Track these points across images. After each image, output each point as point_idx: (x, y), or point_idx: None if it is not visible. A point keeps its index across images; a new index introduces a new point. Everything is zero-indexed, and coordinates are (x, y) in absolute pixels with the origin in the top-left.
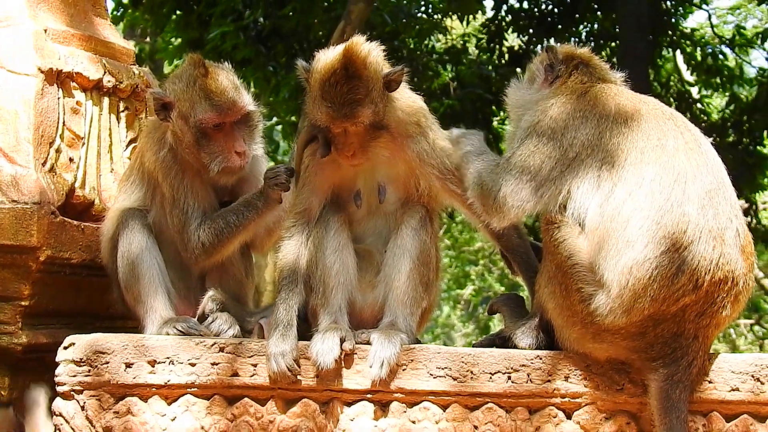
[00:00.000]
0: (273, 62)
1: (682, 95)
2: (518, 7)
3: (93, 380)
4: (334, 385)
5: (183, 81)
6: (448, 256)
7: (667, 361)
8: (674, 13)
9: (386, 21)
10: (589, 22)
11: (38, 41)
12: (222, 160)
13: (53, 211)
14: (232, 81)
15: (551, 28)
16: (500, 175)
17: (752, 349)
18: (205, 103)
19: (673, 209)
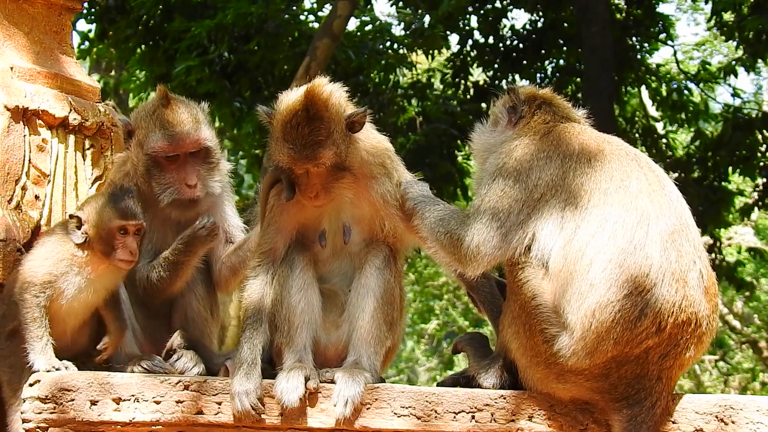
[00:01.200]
0: (238, 97)
1: (647, 131)
2: (483, 42)
3: (58, 417)
4: (299, 424)
5: (146, 110)
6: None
7: (631, 402)
8: (639, 49)
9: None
10: (554, 58)
11: (4, 79)
12: (172, 192)
13: (19, 249)
14: (194, 115)
15: (516, 63)
16: (469, 224)
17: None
18: (159, 132)
19: (636, 252)
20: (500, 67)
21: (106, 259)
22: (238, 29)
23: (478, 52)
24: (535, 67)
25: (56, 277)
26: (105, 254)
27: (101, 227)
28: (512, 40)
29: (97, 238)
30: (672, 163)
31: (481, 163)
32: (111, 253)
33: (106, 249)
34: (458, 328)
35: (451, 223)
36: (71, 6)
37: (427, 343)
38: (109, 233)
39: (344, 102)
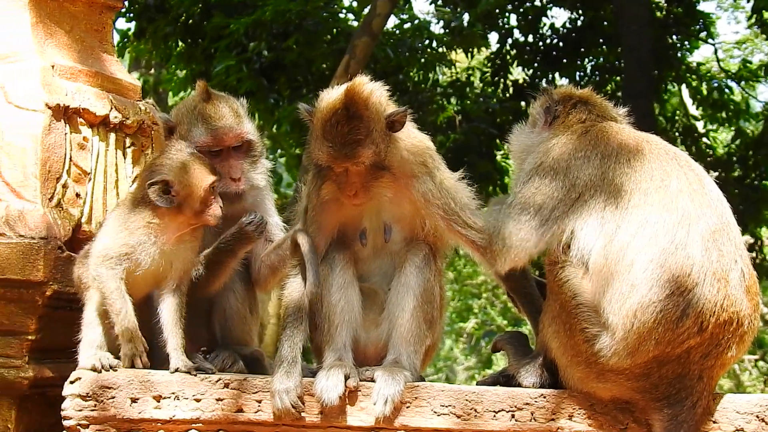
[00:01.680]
0: (276, 95)
1: (687, 130)
2: (523, 41)
3: (99, 415)
4: (338, 422)
5: (187, 106)
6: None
7: (672, 401)
8: (680, 47)
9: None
10: (594, 56)
11: (46, 77)
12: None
13: (60, 246)
14: (235, 109)
15: (556, 61)
16: (501, 219)
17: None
18: (202, 127)
19: (677, 252)
20: (540, 65)
21: (195, 219)
22: (277, 26)
23: (517, 50)
24: (575, 65)
25: (133, 247)
26: (197, 213)
27: (198, 185)
28: (552, 38)
29: (191, 197)
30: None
31: (519, 164)
32: (203, 211)
33: (200, 208)
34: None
35: (493, 225)
36: (112, 4)
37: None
38: (206, 190)
39: (385, 101)
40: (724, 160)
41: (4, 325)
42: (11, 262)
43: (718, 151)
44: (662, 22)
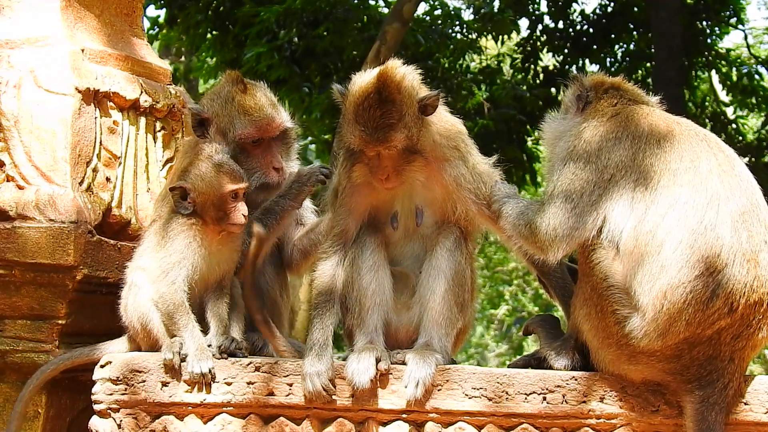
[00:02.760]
0: (307, 82)
1: (717, 116)
2: (553, 27)
3: (129, 399)
4: (370, 405)
5: (221, 97)
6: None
7: (703, 383)
8: (709, 33)
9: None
10: (624, 43)
11: (75, 61)
12: (260, 176)
13: (90, 231)
14: (270, 98)
15: (586, 48)
16: (544, 210)
17: None
18: (245, 119)
19: (707, 232)
20: (570, 52)
21: (215, 227)
22: (307, 14)
23: (547, 37)
24: (605, 52)
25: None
26: (216, 221)
27: (212, 194)
28: (582, 24)
29: (208, 205)
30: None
31: (551, 151)
32: (223, 219)
33: (218, 215)
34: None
35: (529, 214)
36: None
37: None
38: (221, 198)
39: (417, 85)
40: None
41: (35, 309)
42: (41, 247)
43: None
44: (692, 8)
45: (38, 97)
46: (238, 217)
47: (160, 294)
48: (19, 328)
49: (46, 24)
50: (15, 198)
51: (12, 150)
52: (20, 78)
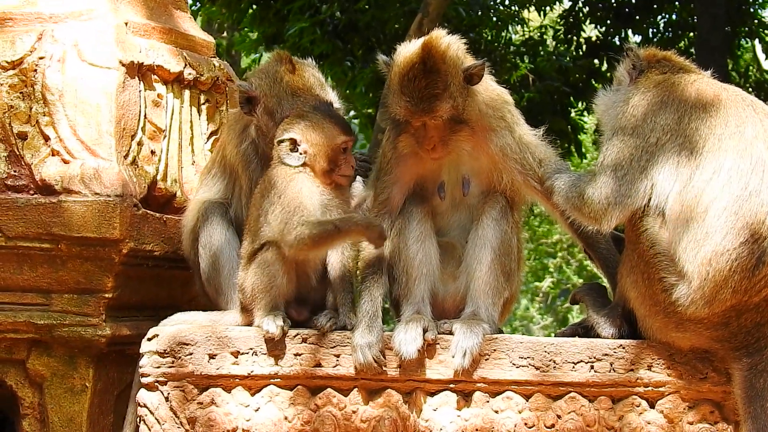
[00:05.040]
0: (350, 57)
1: (761, 84)
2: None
3: (176, 371)
4: (417, 375)
5: (270, 77)
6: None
7: (751, 351)
8: (752, 2)
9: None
10: (667, 13)
11: (119, 34)
12: None
13: (135, 204)
14: (318, 78)
15: (629, 18)
16: (596, 180)
17: None
18: (292, 99)
19: (751, 198)
20: (612, 23)
21: (325, 178)
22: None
23: (590, 8)
24: (648, 22)
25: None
26: (326, 173)
27: (326, 145)
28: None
29: (320, 156)
30: None
31: (604, 124)
32: (333, 170)
33: (329, 166)
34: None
35: (581, 185)
36: None
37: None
38: (335, 150)
39: (462, 54)
40: None
41: (81, 283)
42: (87, 221)
43: None
44: None
45: (82, 71)
46: (347, 169)
47: (299, 234)
48: (66, 302)
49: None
50: (60, 172)
51: (57, 124)
52: (64, 52)
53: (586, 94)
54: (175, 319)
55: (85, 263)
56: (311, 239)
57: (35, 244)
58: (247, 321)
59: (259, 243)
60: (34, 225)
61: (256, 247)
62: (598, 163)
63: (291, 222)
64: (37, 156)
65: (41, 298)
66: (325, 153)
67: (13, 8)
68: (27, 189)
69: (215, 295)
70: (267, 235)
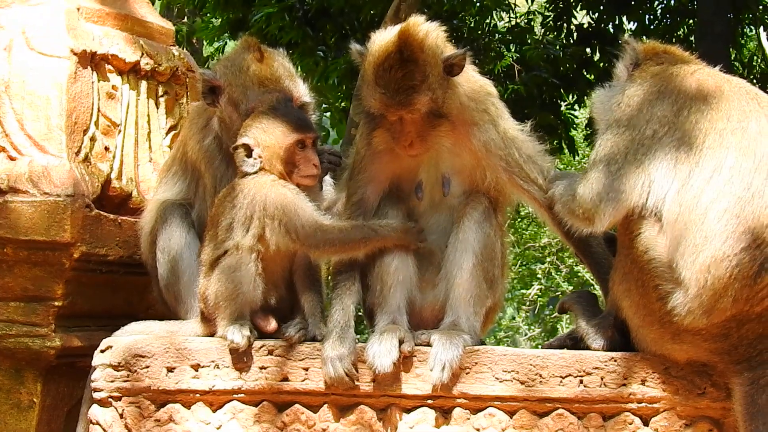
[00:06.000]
0: (321, 45)
1: (766, 76)
2: None
3: (132, 386)
4: (392, 390)
5: (235, 65)
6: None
7: (753, 364)
8: None
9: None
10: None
11: (71, 20)
12: None
13: (88, 204)
14: (287, 68)
15: (623, 4)
16: (587, 177)
17: None
18: (258, 90)
19: (754, 200)
20: (606, 8)
21: (289, 181)
22: None
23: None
24: (644, 8)
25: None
26: (287, 175)
27: (277, 146)
28: None
29: (274, 159)
30: None
31: (599, 122)
32: (293, 172)
33: (288, 168)
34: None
35: (573, 185)
36: None
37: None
38: (288, 150)
39: (442, 43)
40: None
41: (29, 290)
42: (36, 222)
43: None
44: None
45: (31, 60)
46: (309, 168)
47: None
48: (12, 310)
49: None
50: (6, 170)
51: (2, 118)
52: (11, 40)
53: (576, 86)
54: (130, 329)
55: (33, 268)
56: (342, 243)
57: None
58: (209, 331)
59: (224, 249)
60: None
61: (220, 253)
62: (591, 159)
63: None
64: None
65: None
66: (278, 155)
67: None
68: None
69: (174, 303)
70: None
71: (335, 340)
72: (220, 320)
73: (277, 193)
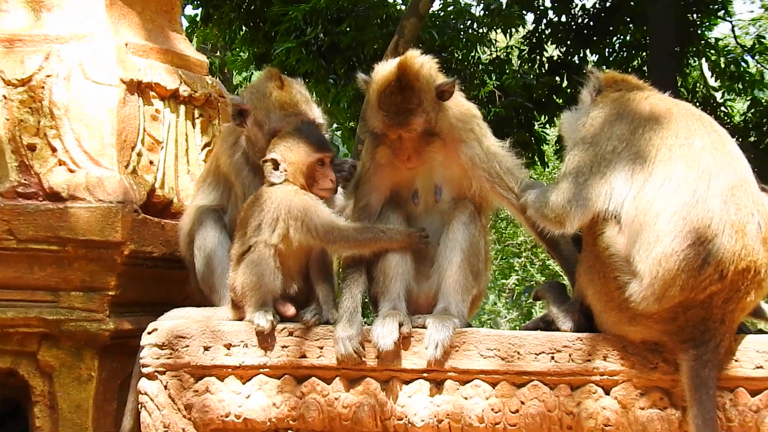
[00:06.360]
0: (332, 75)
1: (707, 100)
2: (557, 21)
3: (174, 362)
4: (394, 366)
5: (260, 92)
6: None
7: (697, 343)
8: (700, 24)
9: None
10: (621, 35)
11: (120, 55)
12: None
13: (136, 209)
14: (304, 94)
15: (587, 39)
16: (558, 187)
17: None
18: (279, 113)
19: (698, 205)
20: (572, 43)
21: (310, 191)
22: (331, 12)
23: (551, 29)
24: (604, 42)
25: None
26: (307, 187)
27: (301, 163)
28: (583, 18)
29: (298, 173)
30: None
31: (567, 140)
32: (312, 185)
33: (308, 182)
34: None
35: (546, 194)
36: None
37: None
38: (310, 167)
39: (434, 73)
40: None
41: (87, 282)
42: (92, 225)
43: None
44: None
45: (86, 88)
46: (326, 183)
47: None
48: (73, 299)
49: (92, 21)
50: (67, 180)
51: (63, 137)
52: (69, 71)
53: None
54: (172, 314)
55: (90, 264)
56: (355, 240)
57: (44, 247)
58: (239, 316)
59: (248, 245)
60: (43, 229)
61: (245, 249)
62: (561, 172)
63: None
64: (45, 166)
65: (50, 295)
66: (301, 170)
67: (23, 30)
68: (36, 196)
69: (209, 292)
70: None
71: (345, 323)
72: (248, 307)
73: (300, 199)
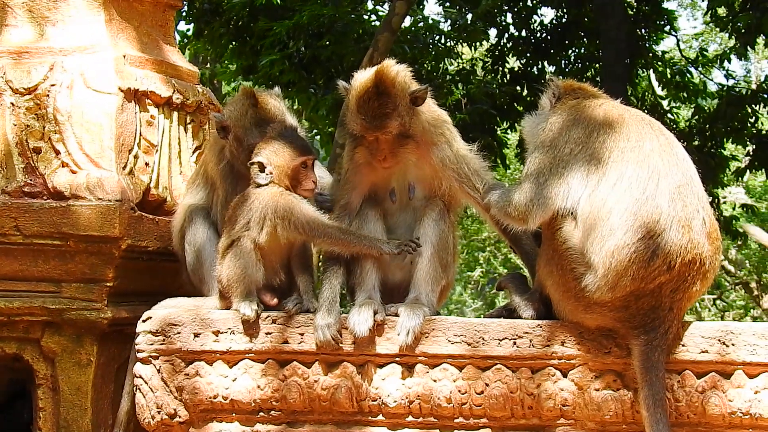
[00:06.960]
0: (313, 84)
1: (654, 107)
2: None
3: (167, 348)
4: (369, 351)
5: (237, 109)
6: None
7: (647, 329)
8: (648, 39)
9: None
10: (576, 48)
11: (118, 65)
12: None
13: (132, 207)
14: (279, 107)
15: (545, 52)
16: (520, 188)
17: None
18: (256, 130)
19: (648, 202)
20: (532, 56)
21: (294, 191)
22: (312, 28)
23: (512, 43)
24: (561, 55)
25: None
26: (291, 188)
27: (286, 166)
28: (541, 33)
29: (282, 175)
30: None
31: (529, 143)
32: (296, 186)
33: (292, 183)
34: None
35: (509, 194)
36: (174, 3)
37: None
38: (294, 169)
39: (408, 80)
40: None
41: (87, 274)
42: (92, 222)
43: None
44: (634, 18)
45: (87, 96)
46: (308, 184)
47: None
48: (74, 290)
49: (93, 34)
50: (69, 181)
51: (66, 141)
52: (72, 80)
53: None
54: (165, 303)
55: (90, 257)
56: (336, 237)
57: (48, 241)
58: (226, 305)
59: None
60: (47, 225)
61: (229, 243)
62: (523, 173)
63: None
64: (50, 167)
65: (53, 286)
66: (286, 173)
67: (29, 43)
68: (41, 195)
69: (199, 284)
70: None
71: (324, 311)
72: (234, 297)
73: (285, 200)
